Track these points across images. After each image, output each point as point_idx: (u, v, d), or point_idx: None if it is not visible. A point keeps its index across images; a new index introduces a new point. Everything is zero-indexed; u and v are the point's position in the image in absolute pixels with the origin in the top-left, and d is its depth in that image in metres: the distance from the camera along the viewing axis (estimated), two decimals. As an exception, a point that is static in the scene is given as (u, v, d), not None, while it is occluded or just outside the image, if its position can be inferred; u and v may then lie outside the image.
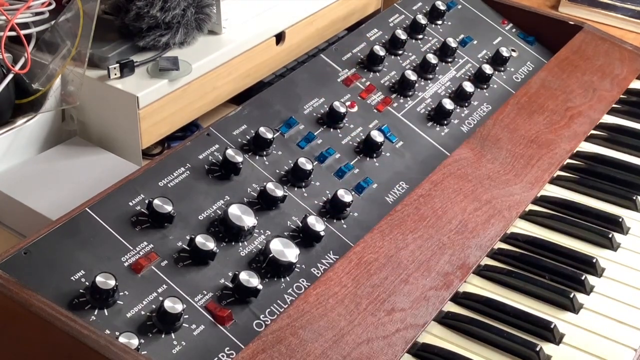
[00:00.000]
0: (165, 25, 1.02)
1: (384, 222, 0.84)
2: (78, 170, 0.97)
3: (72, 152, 1.00)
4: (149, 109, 0.98)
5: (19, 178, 0.94)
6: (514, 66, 1.14)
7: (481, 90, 1.08)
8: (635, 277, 0.88)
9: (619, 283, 0.87)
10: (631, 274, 0.89)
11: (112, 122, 1.01)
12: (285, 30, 1.16)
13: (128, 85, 0.98)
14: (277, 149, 0.87)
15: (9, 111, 0.98)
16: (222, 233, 0.78)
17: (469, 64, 1.10)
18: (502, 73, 1.12)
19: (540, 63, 1.16)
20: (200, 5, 1.05)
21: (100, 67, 1.00)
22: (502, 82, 1.10)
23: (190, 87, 1.03)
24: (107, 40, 1.03)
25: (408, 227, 0.83)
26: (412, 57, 1.06)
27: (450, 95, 1.04)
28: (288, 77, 0.97)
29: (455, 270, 0.82)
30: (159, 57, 1.02)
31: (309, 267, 0.79)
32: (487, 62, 1.12)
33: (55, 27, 1.02)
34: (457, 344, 0.78)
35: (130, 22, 1.02)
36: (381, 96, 0.99)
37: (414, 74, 1.00)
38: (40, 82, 1.00)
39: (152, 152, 1.06)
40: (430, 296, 0.79)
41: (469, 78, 1.08)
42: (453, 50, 1.07)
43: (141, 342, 0.68)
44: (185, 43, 1.05)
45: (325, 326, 0.73)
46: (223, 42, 1.09)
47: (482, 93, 1.07)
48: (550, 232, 0.93)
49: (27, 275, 0.69)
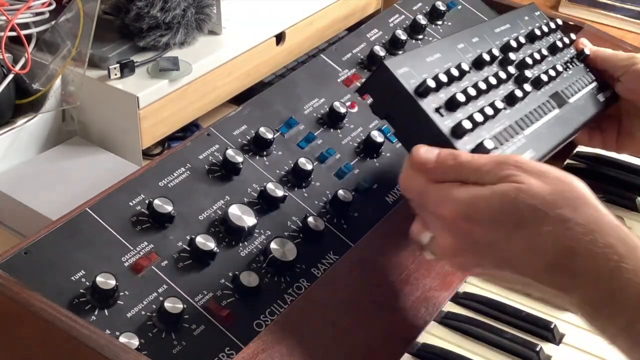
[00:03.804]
0: (165, 25, 1.02)
1: (384, 222, 0.84)
2: (78, 170, 0.97)
3: (72, 152, 1.00)
4: (149, 109, 0.99)
5: (19, 178, 0.94)
6: (514, 66, 1.14)
7: (481, 90, 1.07)
8: (635, 277, 0.88)
9: (619, 283, 0.87)
10: (631, 274, 0.89)
11: (113, 122, 1.01)
12: (285, 30, 1.16)
13: (128, 86, 0.98)
14: (277, 149, 0.87)
15: (9, 111, 0.98)
16: (222, 233, 0.78)
17: (469, 64, 1.10)
18: (502, 73, 1.12)
19: (540, 63, 1.16)
20: (200, 5, 1.05)
21: (100, 67, 1.00)
22: (502, 83, 1.10)
23: (191, 87, 1.03)
24: (108, 40, 1.03)
25: (408, 227, 0.83)
26: (412, 57, 1.05)
27: (451, 96, 1.04)
28: (288, 77, 0.97)
29: (455, 270, 0.82)
30: (159, 57, 1.02)
31: (309, 267, 0.79)
32: (487, 62, 1.12)
33: (55, 27, 1.02)
34: (457, 344, 0.78)
35: (130, 22, 1.02)
36: (381, 96, 0.99)
37: (414, 74, 1.00)
38: (40, 82, 1.00)
39: (152, 152, 1.07)
40: (430, 296, 0.79)
41: (469, 78, 1.08)
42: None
43: (141, 342, 0.68)
44: (186, 43, 1.05)
45: (325, 326, 0.73)
46: (223, 42, 1.09)
47: (482, 93, 1.07)
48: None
49: (28, 275, 0.69)
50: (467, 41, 0.84)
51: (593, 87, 0.97)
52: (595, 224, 0.63)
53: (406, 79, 0.71)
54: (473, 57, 0.84)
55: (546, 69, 0.92)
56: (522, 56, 0.91)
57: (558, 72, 0.92)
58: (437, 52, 0.79)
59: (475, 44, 0.86)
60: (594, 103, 0.96)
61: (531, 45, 0.95)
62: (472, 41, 0.85)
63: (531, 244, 0.64)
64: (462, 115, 0.75)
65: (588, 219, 0.63)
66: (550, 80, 0.90)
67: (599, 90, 0.98)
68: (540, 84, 0.88)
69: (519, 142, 0.80)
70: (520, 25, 0.97)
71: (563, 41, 0.98)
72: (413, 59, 0.75)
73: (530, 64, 0.90)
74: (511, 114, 0.82)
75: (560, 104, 0.90)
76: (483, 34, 0.88)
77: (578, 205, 0.64)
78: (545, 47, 0.96)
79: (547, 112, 0.87)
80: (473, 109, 0.76)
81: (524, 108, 0.84)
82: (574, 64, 0.98)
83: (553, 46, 0.97)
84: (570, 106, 0.91)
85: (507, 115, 0.81)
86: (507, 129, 0.80)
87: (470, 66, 0.81)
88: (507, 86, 0.84)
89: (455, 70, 0.77)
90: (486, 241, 0.65)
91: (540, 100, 0.88)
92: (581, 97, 0.94)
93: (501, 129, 0.79)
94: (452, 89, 0.76)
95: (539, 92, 0.89)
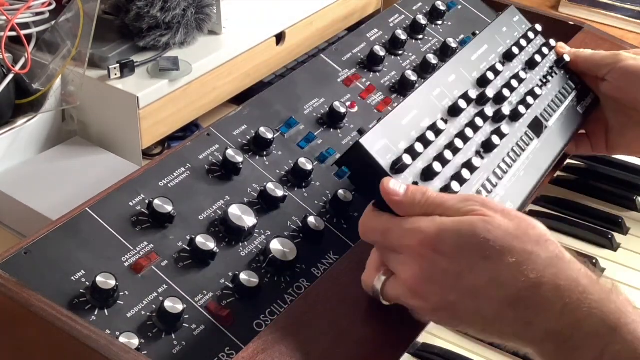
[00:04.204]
0: (165, 25, 1.02)
1: (384, 222, 0.84)
2: (78, 170, 0.97)
3: (72, 152, 1.00)
4: (149, 109, 0.99)
5: (19, 178, 0.94)
6: (514, 66, 1.14)
7: (481, 90, 1.08)
8: (635, 278, 0.88)
9: (618, 283, 0.87)
10: (631, 274, 0.89)
11: (113, 122, 1.01)
12: (285, 30, 1.16)
13: (128, 86, 0.98)
14: (277, 149, 0.87)
15: (9, 111, 0.98)
16: (222, 233, 0.78)
17: (469, 64, 1.10)
18: (502, 73, 1.12)
19: (540, 63, 1.16)
20: (200, 5, 1.05)
21: (100, 67, 1.00)
22: (502, 82, 1.10)
23: (191, 87, 1.03)
24: (107, 40, 1.03)
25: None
26: (413, 58, 1.06)
27: (450, 96, 1.04)
28: (288, 77, 0.97)
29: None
30: (159, 57, 1.02)
31: (309, 267, 0.79)
32: (487, 62, 1.12)
33: (55, 27, 1.02)
34: (457, 344, 0.78)
35: (130, 22, 1.02)
36: (381, 96, 0.99)
37: (414, 74, 1.00)
38: (40, 82, 1.00)
39: (152, 152, 1.07)
40: (430, 296, 0.79)
41: (469, 78, 1.08)
42: (453, 50, 1.07)
43: (141, 342, 0.68)
44: (186, 43, 1.05)
45: (325, 326, 0.73)
46: (223, 42, 1.09)
47: (482, 93, 1.07)
48: (550, 233, 0.93)
49: (28, 275, 0.69)
50: (443, 83, 0.86)
51: (573, 99, 0.98)
52: (558, 258, 0.64)
53: (382, 156, 0.73)
54: (450, 103, 0.85)
55: (524, 96, 0.92)
56: (500, 84, 0.91)
57: (536, 95, 0.93)
58: (413, 108, 0.80)
59: (452, 84, 0.87)
60: (574, 118, 0.97)
61: (510, 65, 0.95)
62: (449, 81, 0.87)
63: (496, 275, 0.64)
64: (439, 183, 0.77)
65: (551, 254, 0.64)
66: (528, 107, 0.91)
67: (579, 101, 0.99)
68: (519, 116, 0.90)
69: (497, 197, 0.82)
70: (499, 41, 0.97)
71: (542, 52, 0.98)
72: (389, 127, 0.76)
73: (507, 97, 0.90)
74: (488, 162, 0.83)
75: (538, 132, 0.91)
76: (460, 68, 0.90)
77: (541, 241, 0.65)
78: (525, 62, 0.97)
79: (525, 148, 0.89)
80: (451, 172, 0.78)
81: (501, 152, 0.85)
82: (554, 74, 0.98)
83: (531, 61, 0.97)
84: (549, 131, 0.93)
85: (485, 165, 0.82)
86: (484, 184, 0.81)
87: (447, 117, 0.83)
88: (485, 129, 0.85)
89: (431, 134, 0.78)
90: (451, 271, 0.65)
91: (519, 135, 0.89)
92: (560, 116, 0.95)
93: (479, 186, 0.81)
94: (430, 153, 0.77)
95: (517, 124, 0.90)
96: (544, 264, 0.63)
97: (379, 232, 0.70)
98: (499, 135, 0.85)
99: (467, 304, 0.65)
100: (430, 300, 0.67)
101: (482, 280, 0.64)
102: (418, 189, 0.70)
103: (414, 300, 0.68)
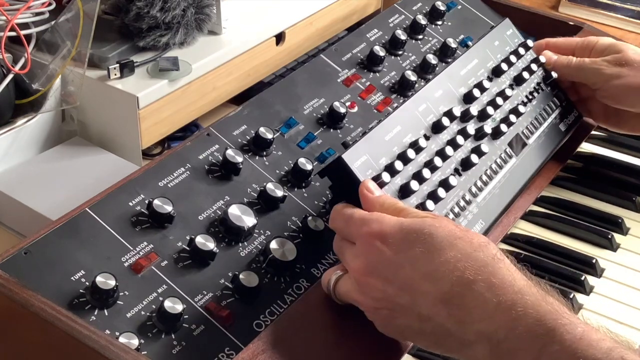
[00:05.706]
0: (165, 25, 1.02)
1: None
2: (78, 170, 0.97)
3: (72, 152, 1.00)
4: (149, 109, 0.99)
5: (19, 178, 0.94)
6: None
7: (481, 90, 1.07)
8: (635, 278, 0.88)
9: (618, 284, 0.87)
10: (631, 274, 0.89)
11: (112, 122, 1.01)
12: (285, 30, 1.16)
13: (128, 86, 0.98)
14: (277, 149, 0.87)
15: (9, 111, 0.98)
16: (222, 233, 0.78)
17: (468, 64, 1.10)
18: (502, 73, 1.12)
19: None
20: (200, 5, 1.05)
21: (100, 67, 1.00)
22: (502, 83, 1.10)
23: (190, 87, 1.03)
24: (107, 40, 1.03)
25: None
26: (412, 58, 1.06)
27: (450, 96, 1.04)
28: (288, 77, 0.97)
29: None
30: (159, 57, 1.02)
31: (308, 268, 0.79)
32: (487, 62, 1.12)
33: (55, 27, 1.02)
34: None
35: (130, 22, 1.02)
36: (381, 96, 0.99)
37: (414, 74, 1.00)
38: (40, 82, 1.00)
39: (152, 152, 1.07)
40: (430, 296, 0.79)
41: (469, 78, 1.08)
42: (453, 50, 1.07)
43: (141, 342, 0.68)
44: (185, 43, 1.05)
45: (325, 326, 0.73)
46: (223, 42, 1.09)
47: (482, 93, 1.07)
48: (550, 233, 0.93)
49: (27, 275, 0.69)
50: (430, 99, 0.87)
51: (556, 116, 0.99)
52: (496, 259, 0.65)
53: (363, 172, 0.76)
54: (435, 119, 0.86)
55: (507, 113, 0.93)
56: (486, 100, 0.92)
57: (520, 113, 0.94)
58: (397, 124, 0.82)
59: (439, 99, 0.88)
60: (555, 135, 0.98)
61: (497, 81, 0.96)
62: (435, 97, 0.88)
63: (433, 269, 0.65)
64: (415, 200, 0.79)
65: (489, 255, 0.65)
66: (510, 125, 0.92)
67: (562, 118, 0.99)
68: (500, 134, 0.90)
69: (470, 215, 0.83)
70: (489, 56, 0.98)
71: (530, 69, 0.99)
72: (372, 142, 0.79)
73: (491, 114, 0.91)
74: (466, 180, 0.85)
75: (518, 150, 0.92)
76: (448, 83, 0.90)
77: (482, 246, 0.66)
78: (512, 78, 0.97)
79: (504, 165, 0.90)
80: (427, 189, 0.81)
81: (479, 169, 0.87)
82: (540, 90, 0.98)
83: (519, 77, 0.97)
84: (529, 148, 0.94)
85: (461, 183, 0.84)
86: (459, 202, 0.83)
87: (430, 134, 0.84)
88: (466, 147, 0.87)
89: (411, 152, 0.80)
90: (393, 263, 0.67)
91: (498, 153, 0.90)
92: (542, 133, 0.96)
93: (453, 204, 0.83)
94: (409, 170, 0.80)
95: (498, 142, 0.91)
96: (481, 264, 0.64)
97: (344, 219, 0.73)
98: (478, 153, 0.87)
99: (403, 298, 0.66)
100: (372, 295, 0.69)
101: (419, 274, 0.66)
102: (393, 200, 0.74)
103: (360, 295, 0.70)
